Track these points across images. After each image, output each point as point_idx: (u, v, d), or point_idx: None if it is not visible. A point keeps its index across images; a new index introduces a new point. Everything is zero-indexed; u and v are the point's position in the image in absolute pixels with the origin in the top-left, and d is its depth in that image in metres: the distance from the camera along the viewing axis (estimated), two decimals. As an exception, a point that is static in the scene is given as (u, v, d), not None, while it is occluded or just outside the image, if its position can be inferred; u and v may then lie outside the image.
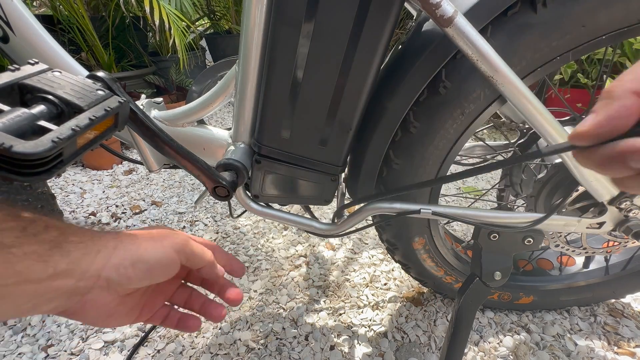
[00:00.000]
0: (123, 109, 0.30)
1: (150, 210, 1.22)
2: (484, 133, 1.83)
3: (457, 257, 0.75)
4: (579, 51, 0.46)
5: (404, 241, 0.68)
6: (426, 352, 0.75)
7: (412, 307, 0.85)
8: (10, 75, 0.26)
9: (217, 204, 1.25)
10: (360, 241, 1.08)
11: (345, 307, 0.85)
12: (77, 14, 1.58)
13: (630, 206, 0.55)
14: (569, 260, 0.83)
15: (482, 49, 0.38)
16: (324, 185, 0.57)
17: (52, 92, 0.26)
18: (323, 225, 0.61)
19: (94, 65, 1.74)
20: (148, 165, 0.57)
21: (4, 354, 0.73)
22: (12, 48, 0.50)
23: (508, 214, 0.57)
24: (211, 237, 1.08)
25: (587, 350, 0.75)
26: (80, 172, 1.44)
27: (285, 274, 0.95)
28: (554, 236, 0.66)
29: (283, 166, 0.54)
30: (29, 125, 0.24)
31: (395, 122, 0.53)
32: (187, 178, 1.42)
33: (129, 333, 0.78)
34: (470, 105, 0.51)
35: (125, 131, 0.57)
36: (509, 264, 0.58)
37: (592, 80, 1.64)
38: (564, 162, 0.50)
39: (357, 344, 0.76)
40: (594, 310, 0.85)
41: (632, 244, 0.64)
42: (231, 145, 0.55)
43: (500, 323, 0.82)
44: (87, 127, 0.26)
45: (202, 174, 0.44)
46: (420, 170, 0.57)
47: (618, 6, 0.43)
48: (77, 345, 0.75)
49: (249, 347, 0.75)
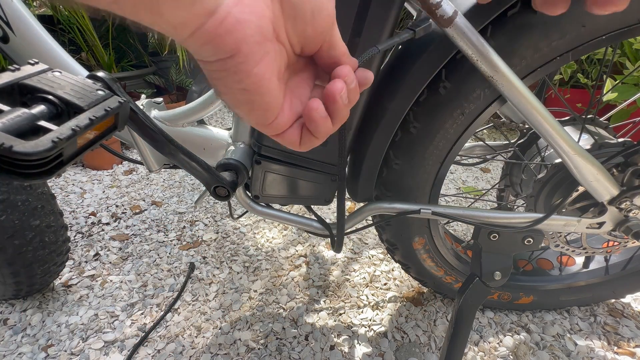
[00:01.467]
0: (123, 109, 0.30)
1: (150, 210, 1.22)
2: (483, 133, 1.83)
3: (457, 257, 0.75)
4: (579, 51, 0.46)
5: (404, 241, 0.68)
6: (426, 352, 0.75)
7: (412, 307, 0.85)
8: (10, 75, 0.26)
9: (217, 204, 1.25)
10: (360, 241, 1.08)
11: (345, 307, 0.85)
12: (77, 14, 1.58)
13: (630, 206, 0.55)
14: (569, 260, 0.83)
15: (482, 49, 0.38)
16: (324, 185, 0.57)
17: (52, 92, 0.26)
18: (321, 225, 0.61)
19: (94, 65, 1.74)
20: (148, 165, 0.57)
21: (4, 354, 0.73)
22: (12, 48, 0.50)
23: (508, 214, 0.57)
24: (211, 237, 1.08)
25: (587, 350, 0.75)
26: (80, 172, 1.44)
27: (285, 274, 0.95)
28: (554, 236, 0.66)
29: (283, 166, 0.54)
30: (29, 126, 0.24)
31: (395, 122, 0.53)
32: (187, 178, 1.42)
33: (129, 333, 0.78)
34: (470, 105, 0.51)
35: (125, 131, 0.57)
36: (509, 264, 0.58)
37: (592, 80, 1.64)
38: (564, 162, 0.50)
39: (357, 344, 0.76)
40: (594, 310, 0.85)
41: (632, 244, 0.64)
42: (231, 145, 0.55)
43: (500, 323, 0.82)
44: (87, 127, 0.26)
45: (202, 174, 0.44)
46: (420, 170, 0.57)
47: (618, 6, 0.43)
48: (77, 345, 0.75)
49: (249, 347, 0.75)
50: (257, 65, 0.22)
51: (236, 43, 0.20)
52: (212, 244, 1.05)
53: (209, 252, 1.02)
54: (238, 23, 0.20)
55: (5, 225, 0.67)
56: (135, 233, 1.10)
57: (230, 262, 0.98)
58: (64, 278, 0.91)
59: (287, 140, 0.27)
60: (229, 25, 0.20)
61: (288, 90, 0.26)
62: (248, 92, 0.23)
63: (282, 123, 0.26)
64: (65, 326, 0.79)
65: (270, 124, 0.25)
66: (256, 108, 0.24)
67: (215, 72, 0.22)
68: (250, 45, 0.21)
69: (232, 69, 0.21)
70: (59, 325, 0.79)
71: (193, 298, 0.87)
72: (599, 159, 0.50)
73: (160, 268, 0.96)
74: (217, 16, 0.19)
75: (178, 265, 0.97)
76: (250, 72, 0.22)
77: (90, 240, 1.06)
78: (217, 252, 1.02)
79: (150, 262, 0.98)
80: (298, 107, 0.27)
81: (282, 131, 0.26)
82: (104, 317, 0.81)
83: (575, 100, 1.68)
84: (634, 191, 0.53)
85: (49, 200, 0.76)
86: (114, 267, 0.96)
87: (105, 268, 0.95)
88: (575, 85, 1.72)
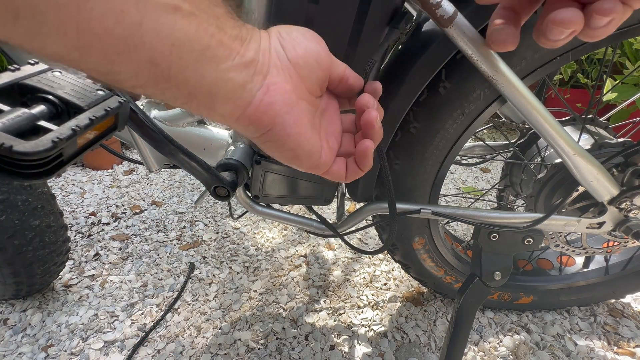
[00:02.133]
0: (123, 109, 0.30)
1: (150, 210, 1.22)
2: (483, 133, 1.83)
3: (457, 257, 0.75)
4: (579, 51, 0.46)
5: (404, 241, 0.68)
6: (426, 352, 0.75)
7: (412, 307, 0.85)
8: (10, 75, 0.26)
9: (217, 204, 1.25)
10: (360, 241, 1.08)
11: (345, 307, 0.85)
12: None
13: (630, 206, 0.55)
14: (568, 260, 0.83)
15: (482, 49, 0.38)
16: (324, 186, 0.57)
17: (52, 92, 0.26)
18: (323, 225, 0.61)
19: (94, 65, 1.73)
20: (148, 165, 0.57)
21: (4, 354, 0.73)
22: (12, 48, 0.50)
23: (508, 214, 0.57)
24: (211, 237, 1.08)
25: (587, 350, 0.75)
26: (80, 172, 1.44)
27: (285, 274, 0.95)
28: (554, 236, 0.66)
29: (283, 166, 0.54)
30: (29, 126, 0.24)
31: (395, 122, 0.53)
32: (187, 178, 1.42)
33: (129, 333, 0.78)
34: (470, 105, 0.51)
35: (125, 131, 0.57)
36: (509, 264, 0.58)
37: (592, 80, 1.64)
38: (564, 162, 0.50)
39: (357, 344, 0.76)
40: (594, 310, 0.85)
41: (632, 244, 0.64)
42: (231, 145, 0.55)
43: (500, 323, 0.82)
44: (87, 127, 0.26)
45: (202, 174, 0.44)
46: (420, 170, 0.57)
47: (618, 6, 0.43)
48: (77, 345, 0.75)
49: (249, 347, 0.75)
50: (291, 128, 0.27)
51: (271, 119, 0.26)
52: (212, 244, 1.05)
53: (209, 252, 1.02)
54: (269, 105, 0.26)
55: (5, 225, 0.67)
56: (135, 233, 1.10)
57: (230, 262, 0.98)
58: (64, 278, 0.91)
59: (334, 175, 0.32)
60: (262, 109, 0.26)
61: (322, 132, 0.31)
62: (292, 150, 0.28)
63: (326, 162, 0.31)
64: (65, 326, 0.79)
65: (317, 166, 0.30)
66: (302, 158, 0.29)
67: (264, 144, 0.28)
68: (282, 116, 0.26)
69: (274, 138, 0.27)
70: (59, 325, 0.79)
71: (193, 298, 0.87)
72: (599, 159, 0.50)
73: (160, 268, 0.96)
74: (253, 104, 0.25)
75: (178, 265, 0.97)
76: (288, 135, 0.27)
77: (90, 240, 1.06)
78: (217, 252, 1.02)
79: (150, 262, 0.98)
80: (334, 144, 0.32)
81: (327, 169, 0.31)
82: (104, 317, 0.81)
83: (575, 100, 1.68)
84: (634, 191, 0.53)
85: (49, 200, 0.76)
86: (114, 267, 0.96)
87: (105, 268, 0.95)
88: (575, 85, 1.72)
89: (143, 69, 0.21)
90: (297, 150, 0.28)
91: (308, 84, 0.29)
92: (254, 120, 0.26)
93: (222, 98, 0.24)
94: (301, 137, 0.28)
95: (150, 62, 0.20)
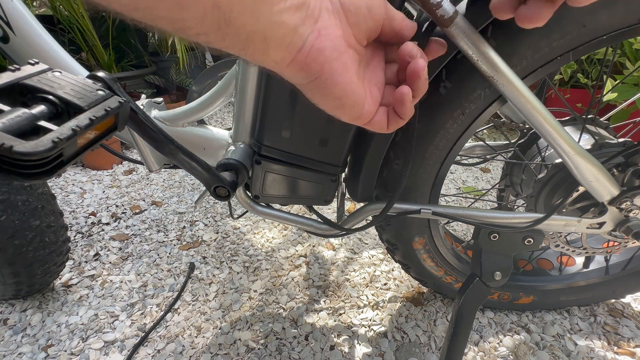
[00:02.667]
0: (123, 109, 0.30)
1: (150, 210, 1.22)
2: (484, 133, 1.83)
3: (457, 257, 0.75)
4: (579, 51, 0.46)
5: (404, 241, 0.68)
6: (426, 352, 0.75)
7: (412, 307, 0.85)
8: (10, 75, 0.26)
9: (217, 204, 1.25)
10: (360, 241, 1.08)
11: (345, 307, 0.85)
12: (77, 14, 1.58)
13: (630, 206, 0.55)
14: (569, 260, 0.83)
15: (483, 49, 0.38)
16: (324, 186, 0.57)
17: (52, 92, 0.26)
18: (323, 225, 0.61)
19: (94, 65, 1.74)
20: (148, 165, 0.57)
21: (4, 354, 0.73)
22: (12, 48, 0.50)
23: (508, 214, 0.57)
24: (211, 237, 1.08)
25: (587, 350, 0.75)
26: (80, 172, 1.44)
27: (285, 274, 0.95)
28: (554, 236, 0.66)
29: (283, 166, 0.54)
30: (29, 126, 0.24)
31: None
32: (187, 178, 1.42)
33: (129, 333, 0.78)
34: (471, 105, 0.50)
35: (125, 131, 0.57)
36: (509, 264, 0.58)
37: (592, 80, 1.64)
38: (564, 162, 0.50)
39: (357, 344, 0.76)
40: (594, 310, 0.85)
41: (632, 244, 0.64)
42: (231, 145, 0.55)
43: (500, 323, 0.82)
44: (88, 127, 0.26)
45: (202, 174, 0.44)
46: (420, 170, 0.57)
47: (618, 6, 0.43)
48: (77, 345, 0.75)
49: (249, 347, 0.75)
50: (339, 77, 0.27)
51: (320, 66, 0.27)
52: (212, 244, 1.05)
53: (209, 252, 1.02)
54: (319, 51, 0.26)
55: (5, 225, 0.67)
56: (135, 233, 1.10)
57: (230, 262, 0.98)
58: (64, 278, 0.91)
59: (376, 126, 0.32)
60: (313, 55, 0.26)
61: (366, 82, 0.31)
62: (338, 99, 0.28)
63: (369, 112, 0.30)
64: (65, 326, 0.79)
65: (360, 116, 0.30)
66: (347, 107, 0.29)
67: (310, 91, 0.29)
68: (331, 64, 0.27)
69: (322, 85, 0.28)
70: (59, 325, 0.79)
71: (193, 298, 0.86)
72: (599, 159, 0.50)
73: (160, 268, 0.96)
74: (304, 50, 0.26)
75: (178, 265, 0.97)
76: (335, 84, 0.28)
77: (90, 240, 1.06)
78: (217, 252, 1.02)
79: (150, 262, 0.98)
80: (377, 94, 0.31)
81: (370, 119, 0.31)
82: (104, 317, 0.81)
83: (576, 100, 1.68)
84: (634, 191, 0.53)
85: (49, 201, 0.76)
86: (114, 267, 0.96)
87: (105, 268, 0.95)
88: (575, 85, 1.72)
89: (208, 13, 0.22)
90: (342, 99, 0.28)
91: (356, 32, 0.28)
92: (304, 66, 0.26)
93: (276, 43, 0.25)
94: (347, 86, 0.28)
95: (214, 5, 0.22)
